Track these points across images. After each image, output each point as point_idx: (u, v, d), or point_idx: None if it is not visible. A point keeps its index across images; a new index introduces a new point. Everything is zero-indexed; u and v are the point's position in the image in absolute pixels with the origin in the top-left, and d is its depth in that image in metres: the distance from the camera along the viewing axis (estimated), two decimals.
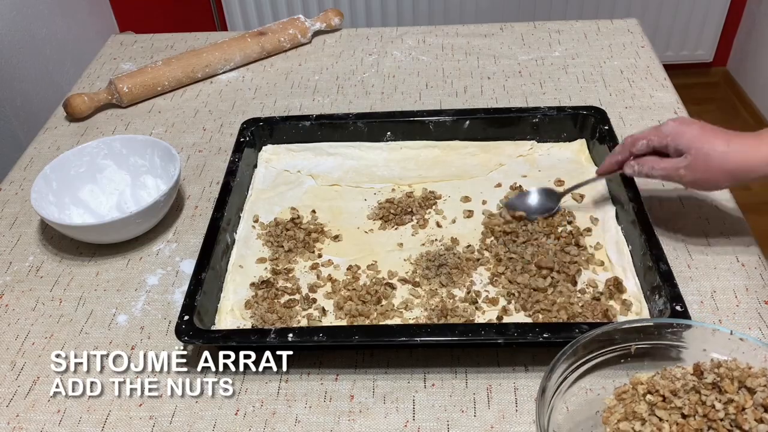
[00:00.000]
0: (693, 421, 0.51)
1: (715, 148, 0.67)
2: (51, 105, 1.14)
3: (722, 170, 0.67)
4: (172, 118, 1.09)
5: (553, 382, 0.55)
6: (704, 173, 0.68)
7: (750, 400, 0.51)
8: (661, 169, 0.71)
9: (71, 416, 0.66)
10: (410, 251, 0.80)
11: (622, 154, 0.75)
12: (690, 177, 0.69)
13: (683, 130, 0.69)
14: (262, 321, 0.71)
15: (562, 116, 0.92)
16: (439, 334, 0.65)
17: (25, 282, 0.81)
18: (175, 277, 0.80)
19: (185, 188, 0.93)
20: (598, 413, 0.57)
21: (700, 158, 0.68)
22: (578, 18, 1.64)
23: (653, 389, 0.54)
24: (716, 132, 0.69)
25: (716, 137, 0.68)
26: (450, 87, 1.11)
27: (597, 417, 0.57)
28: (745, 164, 0.66)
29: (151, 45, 1.29)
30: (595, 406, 0.58)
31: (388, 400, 0.65)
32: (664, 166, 0.71)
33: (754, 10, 2.23)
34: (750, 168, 0.66)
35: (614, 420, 0.54)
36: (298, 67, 1.20)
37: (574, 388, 0.58)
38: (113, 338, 0.73)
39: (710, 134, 0.68)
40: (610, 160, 0.77)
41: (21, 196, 0.94)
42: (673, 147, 0.70)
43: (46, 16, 1.69)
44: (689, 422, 0.51)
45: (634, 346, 0.59)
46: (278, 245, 0.81)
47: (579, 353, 0.57)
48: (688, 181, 0.70)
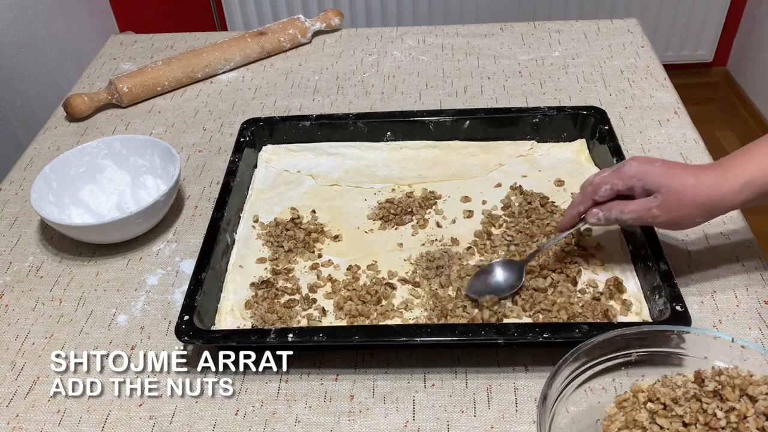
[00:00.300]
0: (694, 429, 0.51)
1: (686, 182, 0.64)
2: (51, 105, 1.14)
3: (696, 204, 0.65)
4: (172, 118, 1.09)
5: (554, 389, 0.55)
6: (678, 210, 0.65)
7: (752, 409, 0.51)
8: (632, 212, 0.67)
9: (71, 416, 0.66)
10: (410, 251, 0.80)
11: (583, 204, 0.70)
12: (664, 217, 0.66)
13: (648, 169, 0.66)
14: (262, 321, 0.71)
15: (562, 116, 0.92)
16: (439, 334, 0.65)
17: (25, 282, 0.81)
18: (175, 277, 0.80)
19: (185, 188, 0.93)
20: (598, 421, 0.57)
21: (672, 195, 0.65)
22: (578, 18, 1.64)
23: (654, 397, 0.54)
24: (682, 167, 0.66)
25: (684, 172, 0.65)
26: (450, 87, 1.11)
27: (598, 425, 0.57)
28: (717, 195, 0.64)
29: (151, 45, 1.29)
30: (596, 414, 0.58)
31: (388, 400, 0.65)
32: (633, 208, 0.67)
33: (754, 10, 2.23)
34: (722, 198, 0.64)
35: (615, 428, 0.54)
36: (298, 67, 1.20)
37: (575, 396, 0.58)
38: (113, 338, 0.73)
39: (677, 170, 0.66)
40: (571, 212, 0.71)
41: (21, 196, 0.94)
42: (640, 187, 0.66)
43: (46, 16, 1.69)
44: (690, 430, 0.51)
45: (635, 353, 0.58)
46: (278, 245, 0.81)
47: (580, 360, 0.57)
48: (662, 221, 0.66)
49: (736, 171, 0.64)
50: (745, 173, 0.63)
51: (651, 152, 0.93)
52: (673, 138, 0.96)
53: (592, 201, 0.69)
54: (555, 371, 0.55)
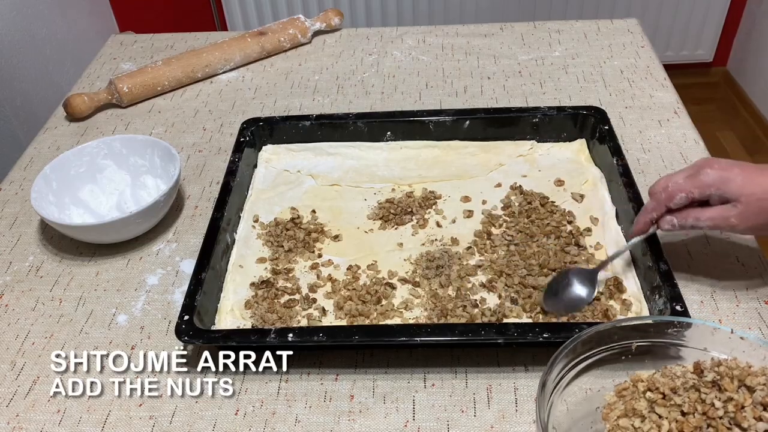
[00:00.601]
0: (692, 418, 0.51)
1: (766, 187, 0.63)
2: (51, 105, 1.14)
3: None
4: (172, 118, 1.09)
5: (553, 377, 0.56)
6: (758, 218, 0.64)
7: (749, 399, 0.51)
8: (708, 219, 0.66)
9: (71, 416, 0.66)
10: (410, 251, 0.80)
11: (657, 211, 0.69)
12: (743, 225, 0.64)
13: (727, 176, 0.64)
14: (262, 321, 0.71)
15: (562, 116, 0.92)
16: (439, 334, 0.65)
17: (25, 282, 0.81)
18: (175, 277, 0.80)
19: (185, 188, 0.93)
20: (597, 409, 0.57)
21: (753, 204, 0.63)
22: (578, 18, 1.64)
23: (653, 387, 0.54)
24: (760, 172, 0.64)
25: (762, 176, 0.64)
26: (450, 87, 1.11)
27: (597, 413, 0.57)
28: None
29: (151, 45, 1.29)
30: (594, 402, 0.58)
31: (388, 400, 0.65)
32: (710, 215, 0.65)
33: (754, 10, 2.23)
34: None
35: (614, 416, 0.54)
36: (298, 67, 1.20)
37: (574, 386, 0.58)
38: (113, 338, 0.73)
39: (757, 177, 0.64)
40: (644, 218, 0.70)
41: (21, 196, 0.94)
42: (718, 196, 0.65)
43: (46, 16, 1.69)
44: (688, 420, 0.51)
45: (635, 344, 0.59)
46: (278, 245, 0.81)
47: (579, 350, 0.58)
48: (741, 229, 0.65)
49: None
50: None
51: (651, 152, 0.93)
52: (673, 138, 0.96)
53: (666, 208, 0.68)
54: (553, 360, 0.56)
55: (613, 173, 0.83)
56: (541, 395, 0.54)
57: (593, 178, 0.87)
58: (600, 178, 0.86)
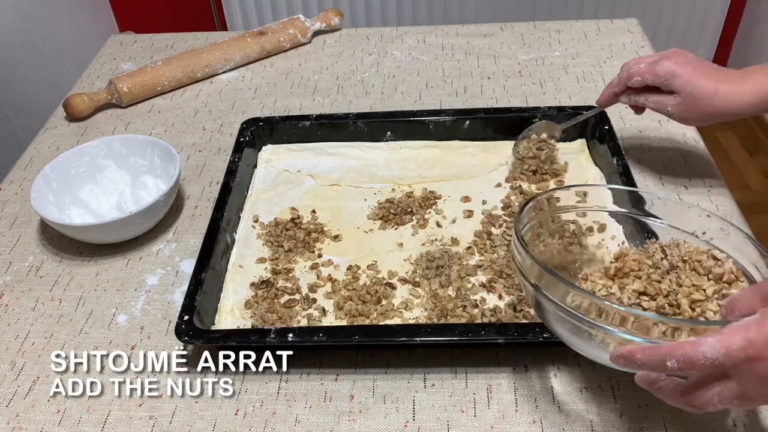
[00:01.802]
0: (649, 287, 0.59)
1: (705, 92, 0.73)
2: (51, 105, 1.14)
3: (707, 113, 0.75)
4: (172, 118, 1.09)
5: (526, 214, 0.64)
6: (690, 113, 0.75)
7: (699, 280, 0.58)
8: (652, 102, 0.78)
9: (71, 416, 0.66)
10: (410, 251, 0.80)
11: (618, 87, 0.80)
12: (678, 114, 0.76)
13: (677, 72, 0.74)
14: (262, 321, 0.71)
15: (562, 116, 0.92)
16: (439, 334, 0.65)
17: (25, 282, 0.81)
18: (175, 277, 0.80)
19: (185, 188, 0.93)
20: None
21: (689, 101, 0.74)
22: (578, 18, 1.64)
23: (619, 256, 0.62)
24: (708, 76, 0.74)
25: (707, 81, 0.73)
26: (450, 87, 1.11)
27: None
28: (730, 108, 0.73)
29: (151, 45, 1.29)
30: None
31: (388, 400, 0.65)
32: (654, 99, 0.78)
33: (754, 10, 2.23)
34: (732, 112, 0.74)
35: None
36: (298, 67, 1.20)
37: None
38: (113, 338, 0.73)
39: (702, 78, 0.74)
40: (608, 91, 0.82)
41: (21, 196, 0.94)
42: (667, 86, 0.76)
43: (46, 16, 1.69)
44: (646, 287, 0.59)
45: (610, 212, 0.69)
46: (278, 245, 0.81)
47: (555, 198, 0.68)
48: (675, 117, 0.77)
49: (754, 83, 0.73)
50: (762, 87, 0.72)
51: (651, 152, 0.93)
52: (673, 138, 0.96)
53: (626, 86, 0.80)
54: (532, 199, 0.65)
55: (613, 173, 0.83)
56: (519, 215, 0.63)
57: (593, 178, 0.87)
58: (600, 178, 0.86)
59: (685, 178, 0.88)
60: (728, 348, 0.46)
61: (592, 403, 0.63)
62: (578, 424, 0.62)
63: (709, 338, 0.47)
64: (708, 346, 0.46)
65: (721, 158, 2.14)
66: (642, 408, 0.63)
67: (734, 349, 0.45)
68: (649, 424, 0.61)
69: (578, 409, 0.63)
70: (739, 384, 0.46)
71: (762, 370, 0.45)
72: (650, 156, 0.93)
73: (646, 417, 0.62)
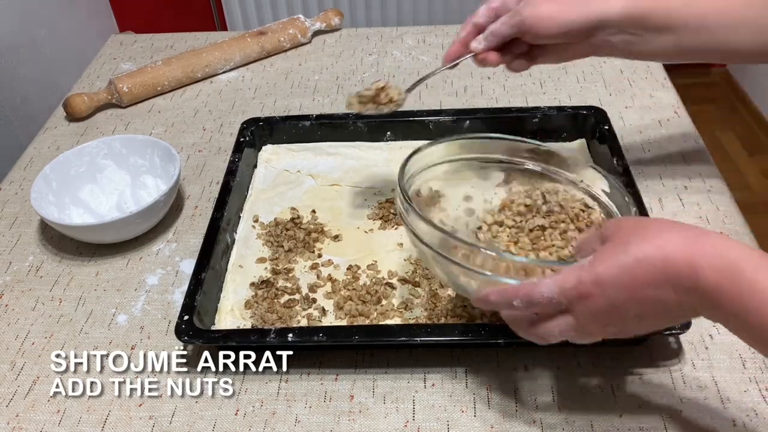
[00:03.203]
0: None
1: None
2: (51, 105, 1.14)
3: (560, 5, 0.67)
4: (172, 118, 1.09)
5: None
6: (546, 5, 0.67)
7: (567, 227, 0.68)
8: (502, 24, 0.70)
9: (71, 416, 0.66)
10: (410, 251, 0.79)
11: (464, 30, 0.74)
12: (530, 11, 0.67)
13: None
14: (262, 321, 0.71)
15: (562, 116, 0.92)
16: (439, 334, 0.65)
17: (24, 282, 0.81)
18: (175, 277, 0.80)
19: (185, 188, 0.93)
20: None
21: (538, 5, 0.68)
22: None
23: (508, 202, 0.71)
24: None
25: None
26: (450, 87, 1.11)
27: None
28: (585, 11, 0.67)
29: (151, 45, 1.29)
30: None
31: (388, 400, 0.65)
32: (504, 21, 0.70)
33: None
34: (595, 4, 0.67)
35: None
36: (298, 67, 1.20)
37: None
38: (113, 338, 0.73)
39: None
40: (455, 41, 0.75)
41: (21, 196, 0.94)
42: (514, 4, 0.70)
43: (46, 16, 1.69)
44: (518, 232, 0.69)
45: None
46: (278, 245, 0.81)
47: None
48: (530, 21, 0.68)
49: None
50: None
51: (651, 152, 0.93)
52: (673, 138, 0.96)
53: (473, 26, 0.73)
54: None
55: (613, 173, 0.83)
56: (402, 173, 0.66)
57: (593, 178, 0.86)
58: (600, 178, 0.86)
59: (685, 178, 0.88)
60: (562, 287, 0.51)
61: (592, 403, 0.63)
62: (578, 424, 0.62)
63: (548, 279, 0.52)
64: (545, 286, 0.52)
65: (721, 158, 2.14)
66: (642, 408, 0.63)
67: (567, 288, 0.51)
68: (649, 424, 0.61)
69: (578, 409, 0.63)
70: (574, 318, 0.52)
71: (592, 306, 0.50)
72: (650, 156, 0.93)
73: (646, 417, 0.62)
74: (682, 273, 0.46)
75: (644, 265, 0.48)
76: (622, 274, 0.48)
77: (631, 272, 0.48)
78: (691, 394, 0.63)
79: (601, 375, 0.66)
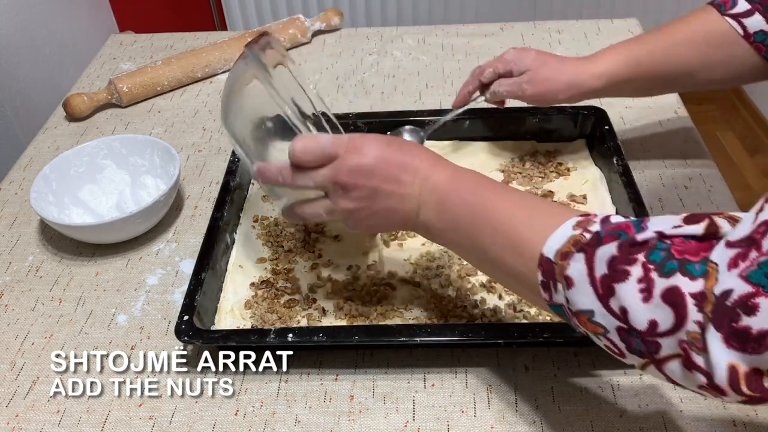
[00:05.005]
0: None
1: (553, 65, 0.79)
2: (51, 105, 1.14)
3: (560, 81, 0.78)
4: (172, 117, 1.09)
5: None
6: (543, 84, 0.78)
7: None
8: (507, 86, 0.81)
9: (71, 416, 0.66)
10: (410, 251, 0.79)
11: (472, 85, 0.85)
12: (531, 90, 0.79)
13: (524, 54, 0.80)
14: (262, 321, 0.71)
15: (562, 116, 0.92)
16: (439, 334, 0.65)
17: (24, 282, 0.81)
18: (175, 277, 0.80)
19: (185, 188, 0.93)
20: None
21: (540, 72, 0.79)
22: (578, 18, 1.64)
23: None
24: (553, 56, 0.81)
25: (553, 58, 0.80)
26: (450, 87, 1.11)
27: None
28: (579, 77, 0.78)
29: (151, 45, 1.29)
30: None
31: (388, 400, 0.65)
32: (507, 82, 0.81)
33: None
34: (583, 80, 0.78)
35: None
36: (298, 67, 1.19)
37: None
38: (113, 338, 0.73)
39: (548, 56, 0.80)
40: (462, 91, 0.87)
41: (21, 196, 0.94)
42: (517, 70, 0.80)
43: (46, 16, 1.69)
44: None
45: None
46: (278, 245, 0.81)
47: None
48: (530, 94, 0.80)
49: (597, 61, 0.78)
50: (604, 62, 0.78)
51: (651, 152, 0.93)
52: (674, 138, 0.96)
53: (480, 82, 0.84)
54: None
55: (613, 173, 0.83)
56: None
57: (593, 178, 0.87)
58: (600, 178, 0.86)
59: (685, 178, 0.88)
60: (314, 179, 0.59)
61: (592, 403, 0.63)
62: (578, 424, 0.62)
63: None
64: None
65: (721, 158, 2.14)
66: (642, 408, 0.63)
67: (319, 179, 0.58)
68: (649, 424, 0.61)
69: (578, 409, 0.63)
70: (332, 201, 0.60)
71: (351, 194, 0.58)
72: (650, 156, 0.92)
73: (646, 417, 0.62)
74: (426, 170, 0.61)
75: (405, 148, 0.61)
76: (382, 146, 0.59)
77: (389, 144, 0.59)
78: (691, 394, 0.63)
79: (601, 375, 0.66)
